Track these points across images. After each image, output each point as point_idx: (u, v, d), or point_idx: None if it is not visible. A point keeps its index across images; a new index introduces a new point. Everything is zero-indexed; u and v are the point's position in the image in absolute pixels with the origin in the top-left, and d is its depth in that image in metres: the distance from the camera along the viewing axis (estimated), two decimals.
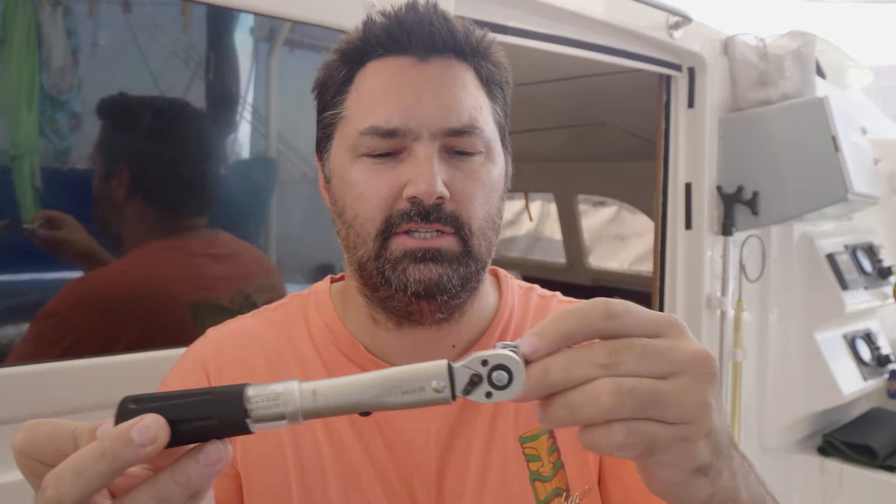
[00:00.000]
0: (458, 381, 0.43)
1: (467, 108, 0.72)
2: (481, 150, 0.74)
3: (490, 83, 0.77)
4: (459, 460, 0.77)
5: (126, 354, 1.07)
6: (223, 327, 0.85)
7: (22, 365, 0.99)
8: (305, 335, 0.82)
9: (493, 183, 0.75)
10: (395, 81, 0.72)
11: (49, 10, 0.99)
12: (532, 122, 3.18)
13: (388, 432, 0.77)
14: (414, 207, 0.70)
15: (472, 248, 0.72)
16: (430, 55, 0.73)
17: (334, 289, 0.86)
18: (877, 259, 2.82)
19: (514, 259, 4.90)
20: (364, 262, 0.73)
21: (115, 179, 1.08)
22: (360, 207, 0.72)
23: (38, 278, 1.04)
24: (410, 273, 0.70)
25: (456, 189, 0.71)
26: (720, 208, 2.30)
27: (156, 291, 1.14)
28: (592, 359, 0.44)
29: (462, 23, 0.75)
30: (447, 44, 0.73)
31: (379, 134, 0.71)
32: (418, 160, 0.70)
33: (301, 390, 0.43)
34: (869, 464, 2.49)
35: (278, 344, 0.81)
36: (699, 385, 0.46)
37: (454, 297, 0.73)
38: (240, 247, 1.27)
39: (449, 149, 0.72)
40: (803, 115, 2.21)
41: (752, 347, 2.44)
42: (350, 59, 0.75)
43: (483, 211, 0.73)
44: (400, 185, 0.70)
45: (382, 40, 0.73)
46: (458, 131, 0.71)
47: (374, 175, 0.71)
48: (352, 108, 0.74)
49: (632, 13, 1.93)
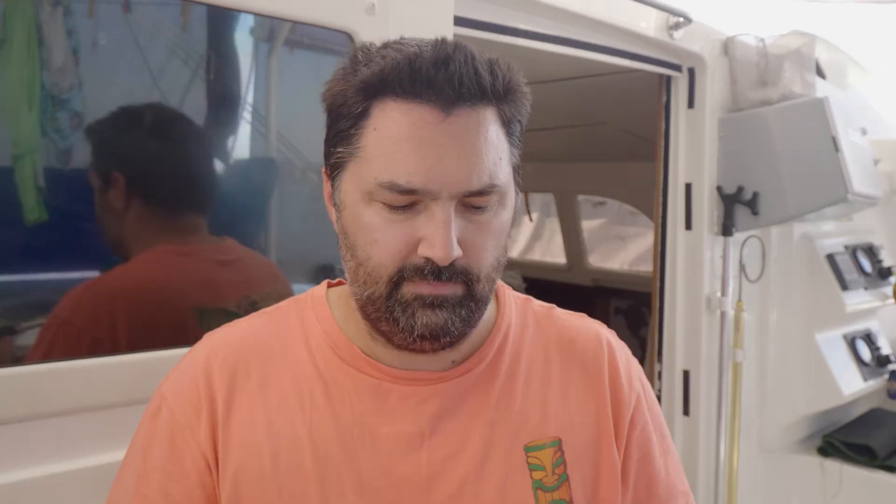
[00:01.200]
0: None
1: (488, 167, 0.71)
2: (496, 202, 0.74)
3: (511, 123, 0.76)
4: (453, 463, 0.78)
5: (126, 354, 1.07)
6: (220, 331, 0.86)
7: (21, 365, 0.99)
8: (300, 338, 0.83)
9: (503, 229, 0.76)
10: (419, 136, 0.69)
11: (49, 10, 0.99)
12: (532, 122, 3.17)
13: (376, 438, 0.77)
14: (427, 265, 0.71)
15: (476, 293, 0.74)
16: (455, 105, 0.70)
17: (332, 294, 0.86)
18: (877, 259, 2.82)
19: (514, 259, 4.90)
20: (374, 299, 0.74)
21: (117, 184, 1.08)
22: (373, 252, 0.73)
23: (38, 279, 1.04)
24: (419, 317, 0.72)
25: (468, 243, 0.72)
26: (720, 208, 2.29)
27: (162, 296, 1.15)
28: None
29: (488, 65, 0.72)
30: (473, 93, 0.70)
31: (398, 191, 0.70)
32: (436, 220, 0.70)
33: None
34: (869, 464, 2.49)
35: (271, 348, 0.82)
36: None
37: (457, 338, 0.75)
38: (246, 254, 1.27)
39: (467, 204, 0.72)
40: (803, 115, 2.21)
41: (752, 348, 2.44)
42: (368, 91, 0.72)
43: (492, 258, 0.75)
44: (415, 239, 0.71)
45: (405, 84, 0.70)
46: (477, 192, 0.71)
47: (390, 224, 0.71)
48: (369, 150, 0.72)
49: (632, 13, 1.93)
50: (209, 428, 0.78)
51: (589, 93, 2.65)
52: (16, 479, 0.97)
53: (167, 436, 0.78)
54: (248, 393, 0.79)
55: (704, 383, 2.29)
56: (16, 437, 0.98)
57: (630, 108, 2.70)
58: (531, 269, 4.42)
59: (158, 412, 0.80)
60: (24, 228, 0.99)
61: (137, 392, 1.01)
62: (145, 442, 0.79)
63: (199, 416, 0.78)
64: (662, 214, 2.33)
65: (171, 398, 0.80)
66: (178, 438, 0.78)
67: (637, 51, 2.05)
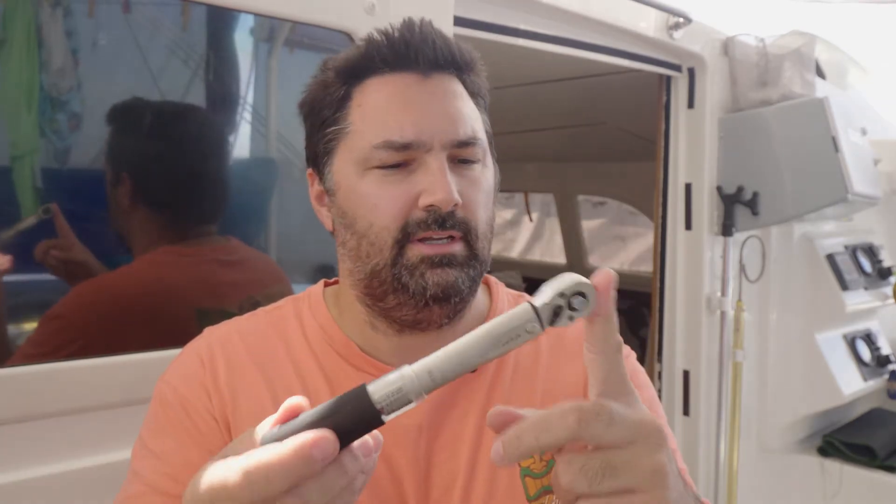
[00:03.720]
0: (545, 318, 0.49)
1: (470, 121, 0.77)
2: (479, 159, 0.78)
3: (477, 95, 0.81)
4: (449, 454, 0.79)
5: (127, 354, 1.07)
6: (220, 327, 0.86)
7: (23, 365, 0.99)
8: (301, 337, 0.83)
9: (490, 188, 0.79)
10: (404, 96, 0.75)
11: (49, 10, 0.99)
12: (532, 122, 3.18)
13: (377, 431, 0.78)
14: (430, 215, 0.73)
15: (478, 252, 0.76)
16: (432, 71, 0.76)
17: (328, 292, 0.87)
18: (877, 259, 2.82)
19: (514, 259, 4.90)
20: (378, 270, 0.75)
21: (121, 186, 1.08)
22: (374, 217, 0.74)
23: (40, 279, 1.04)
24: (429, 277, 0.73)
25: (465, 196, 0.75)
26: (720, 209, 2.29)
27: (162, 296, 1.15)
28: (563, 423, 0.48)
29: (453, 39, 0.80)
30: (447, 60, 0.77)
31: (393, 147, 0.73)
32: (432, 170, 0.73)
33: (417, 373, 0.48)
34: (869, 464, 2.49)
35: (274, 345, 0.83)
36: (651, 453, 0.50)
37: (464, 301, 0.77)
38: (250, 254, 1.27)
39: (454, 158, 0.76)
40: (803, 115, 2.21)
41: (752, 348, 2.44)
42: (347, 76, 0.78)
43: (485, 215, 0.78)
44: (414, 195, 0.73)
45: (388, 57, 0.76)
46: (464, 142, 0.75)
47: (388, 186, 0.74)
48: (357, 123, 0.76)
49: (632, 13, 1.93)
50: (220, 408, 0.78)
51: (589, 93, 2.65)
52: (16, 479, 0.97)
53: (181, 412, 0.78)
54: (252, 384, 0.79)
55: (704, 383, 2.29)
56: (16, 437, 0.98)
57: (630, 108, 2.71)
58: (531, 269, 4.42)
59: (165, 398, 0.79)
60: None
61: (137, 392, 1.01)
62: (158, 425, 0.79)
63: (210, 396, 0.78)
64: (662, 214, 2.33)
65: (178, 382, 0.80)
66: (192, 412, 0.77)
67: (637, 51, 2.05)
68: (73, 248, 1.03)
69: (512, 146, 3.53)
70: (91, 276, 1.07)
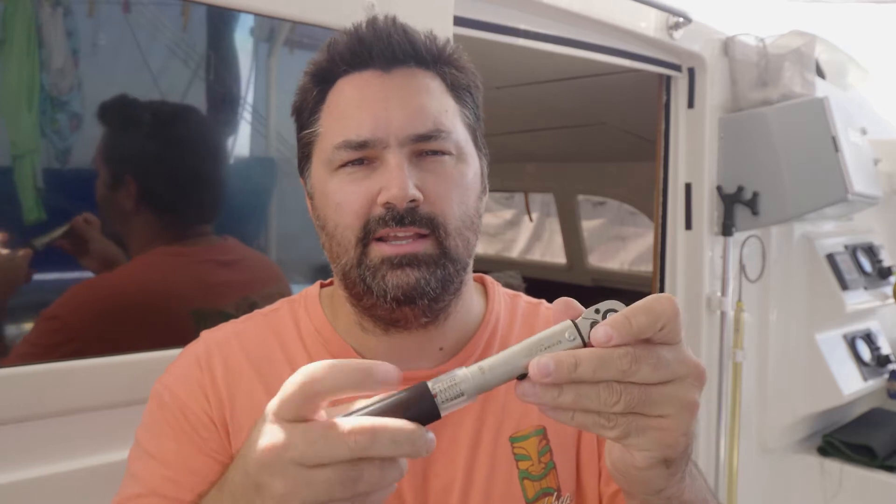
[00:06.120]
0: (582, 328, 0.53)
1: (432, 113, 0.75)
2: (451, 152, 0.76)
3: (457, 88, 0.79)
4: (446, 458, 0.78)
5: (126, 355, 1.07)
6: (217, 330, 0.86)
7: (22, 365, 0.99)
8: (296, 338, 0.83)
9: (467, 183, 0.77)
10: (362, 95, 0.75)
11: (49, 10, 0.99)
12: (532, 122, 3.18)
13: None
14: (388, 212, 0.72)
15: (449, 250, 0.74)
16: (393, 66, 0.76)
17: (324, 293, 0.87)
18: (877, 259, 2.82)
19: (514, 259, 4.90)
20: (347, 271, 0.75)
21: (121, 186, 1.08)
22: (339, 217, 0.75)
23: (41, 279, 1.04)
24: (389, 279, 0.72)
25: (429, 191, 0.73)
26: (720, 208, 2.30)
27: (158, 297, 1.14)
28: (618, 365, 0.50)
29: (423, 33, 0.79)
30: (408, 54, 0.76)
31: (351, 146, 0.73)
32: (389, 167, 0.72)
33: (471, 371, 0.53)
34: (869, 464, 2.49)
35: (271, 347, 0.83)
36: (689, 389, 0.52)
37: (436, 301, 0.75)
38: (248, 254, 1.27)
39: (419, 153, 0.74)
40: (803, 115, 2.21)
41: (752, 348, 2.44)
42: (320, 80, 0.78)
43: (459, 211, 0.75)
44: (374, 193, 0.73)
45: (346, 58, 0.76)
46: (424, 136, 0.74)
47: (350, 184, 0.74)
48: (325, 125, 0.77)
49: (632, 13, 1.93)
50: (218, 411, 0.78)
51: (589, 93, 2.65)
52: (16, 479, 0.97)
53: (178, 415, 0.78)
54: (250, 387, 0.79)
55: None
56: (16, 437, 0.98)
57: (630, 108, 2.70)
58: (531, 269, 4.42)
59: (163, 400, 0.79)
60: (22, 228, 0.99)
61: (137, 392, 1.01)
62: (156, 428, 0.79)
63: (207, 399, 0.78)
64: (662, 214, 2.33)
65: (175, 385, 0.80)
66: (190, 415, 0.78)
67: (637, 51, 2.05)
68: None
69: (512, 146, 3.53)
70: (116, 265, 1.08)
